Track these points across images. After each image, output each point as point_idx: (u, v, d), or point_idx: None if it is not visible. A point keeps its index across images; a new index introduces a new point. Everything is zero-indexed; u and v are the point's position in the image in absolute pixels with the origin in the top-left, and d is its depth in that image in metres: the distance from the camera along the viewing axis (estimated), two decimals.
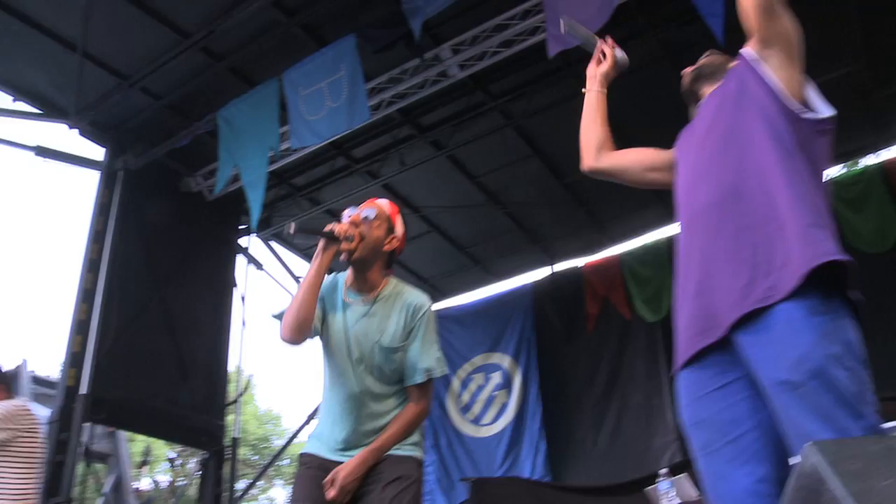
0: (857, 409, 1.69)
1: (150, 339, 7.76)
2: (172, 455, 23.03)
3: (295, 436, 14.00)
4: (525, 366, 10.02)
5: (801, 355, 1.71)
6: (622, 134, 8.67)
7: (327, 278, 3.01)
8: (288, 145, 7.37)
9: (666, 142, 8.03)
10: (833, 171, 10.10)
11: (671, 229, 6.62)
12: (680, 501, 4.50)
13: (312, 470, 2.88)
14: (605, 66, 2.69)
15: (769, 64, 2.17)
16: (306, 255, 10.49)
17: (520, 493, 7.55)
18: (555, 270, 10.74)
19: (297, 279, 10.69)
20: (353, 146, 8.66)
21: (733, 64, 2.38)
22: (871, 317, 6.00)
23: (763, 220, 1.92)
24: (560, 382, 9.80)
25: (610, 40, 2.79)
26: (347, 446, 2.88)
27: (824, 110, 2.12)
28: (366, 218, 2.94)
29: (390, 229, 3.01)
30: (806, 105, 2.12)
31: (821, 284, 1.76)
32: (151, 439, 13.62)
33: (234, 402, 9.04)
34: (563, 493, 7.90)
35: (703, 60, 2.57)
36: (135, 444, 16.86)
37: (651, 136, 2.85)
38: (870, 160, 10.05)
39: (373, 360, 2.87)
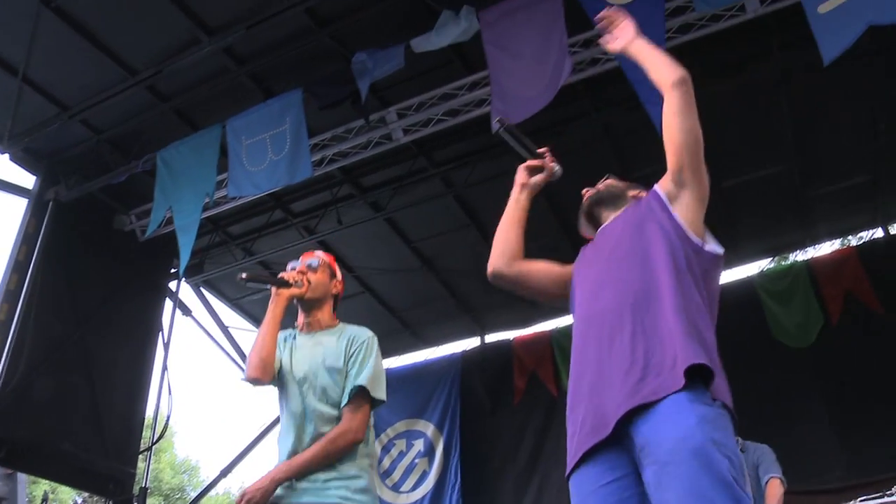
0: (735, 494, 1.68)
1: (64, 378, 7.47)
2: (79, 500, 22.10)
3: (208, 489, 13.60)
4: (448, 435, 9.92)
5: (684, 435, 1.74)
6: (562, 210, 8.87)
7: (281, 333, 3.22)
8: (225, 193, 7.31)
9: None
10: (762, 264, 10.41)
11: None
12: None
13: None
14: (540, 177, 2.68)
15: (678, 202, 2.38)
16: (235, 304, 10.34)
17: None
18: (485, 341, 10.75)
19: (224, 327, 10.53)
20: (292, 200, 8.63)
21: (636, 192, 2.61)
22: (790, 412, 6.13)
23: (654, 328, 2.03)
24: (482, 454, 9.72)
25: (548, 153, 2.77)
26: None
27: (719, 249, 2.36)
28: (310, 265, 3.29)
29: (332, 274, 3.37)
30: (703, 239, 2.35)
31: (706, 389, 1.88)
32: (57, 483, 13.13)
33: (148, 449, 8.75)
34: None
35: (602, 185, 2.67)
36: (38, 486, 16.20)
37: None
38: (798, 256, 10.40)
39: (316, 381, 3.05)
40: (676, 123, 2.39)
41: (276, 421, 10.96)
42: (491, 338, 10.71)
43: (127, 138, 7.63)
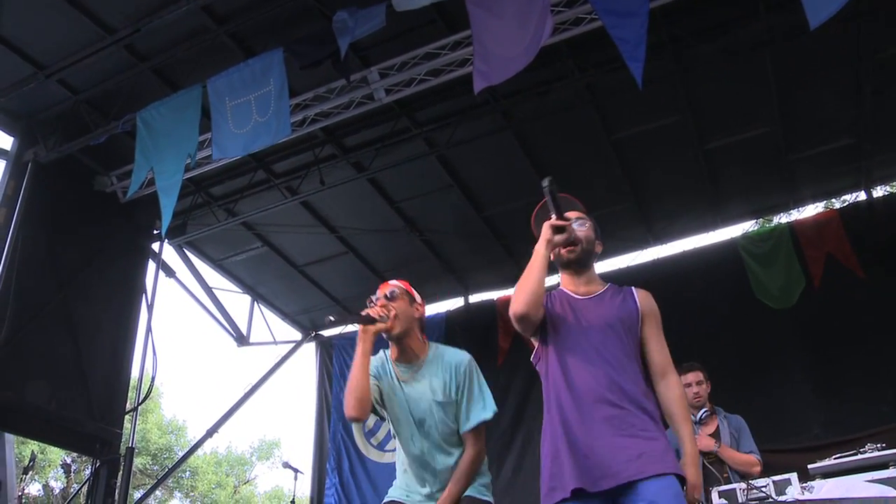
0: None
1: (48, 339, 7.46)
2: (68, 461, 22.22)
3: (195, 448, 13.69)
4: None
5: (670, 487, 2.60)
6: (544, 171, 8.89)
7: (373, 358, 3.35)
8: (207, 153, 7.25)
9: (585, 181, 8.17)
10: (746, 226, 10.46)
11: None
12: None
13: None
14: (561, 238, 2.89)
15: (647, 326, 2.96)
16: (219, 265, 10.32)
17: None
18: (469, 301, 10.78)
19: (208, 288, 10.52)
20: (274, 160, 8.57)
21: (600, 247, 3.10)
22: (770, 372, 6.17)
23: (644, 416, 2.72)
24: None
25: (575, 216, 3.04)
26: (431, 498, 3.27)
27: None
28: (390, 296, 3.35)
29: (412, 300, 3.44)
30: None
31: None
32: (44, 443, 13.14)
33: (134, 410, 8.78)
34: None
35: (582, 237, 3.00)
36: (26, 447, 16.27)
37: (570, 174, 3.02)
38: (782, 219, 10.44)
39: (433, 419, 3.26)
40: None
41: (262, 381, 11.06)
42: (475, 298, 10.74)
43: (106, 98, 7.52)
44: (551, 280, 3.08)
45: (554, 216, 2.89)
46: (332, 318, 3.31)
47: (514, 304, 2.81)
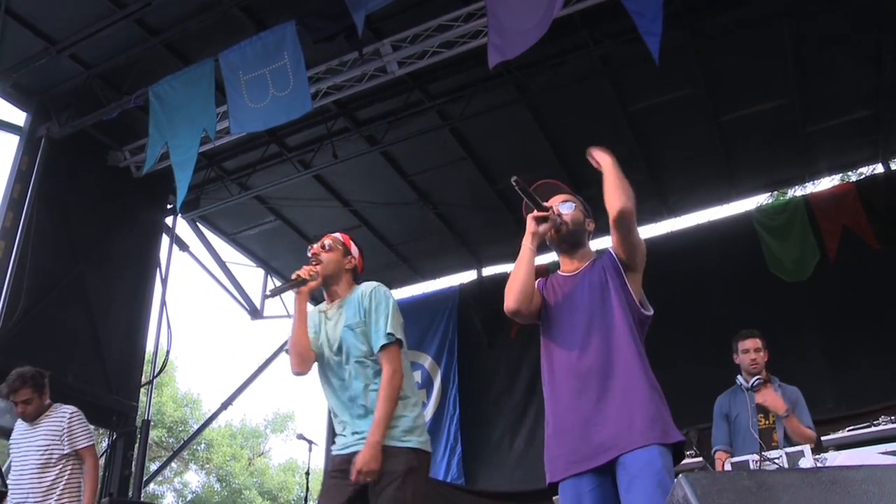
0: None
1: (63, 313, 7.52)
2: None
3: (209, 421, 13.86)
4: (446, 367, 10.05)
5: (651, 464, 2.56)
6: (558, 144, 8.87)
7: (311, 314, 3.50)
8: (220, 128, 7.25)
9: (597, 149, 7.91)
10: (760, 199, 10.40)
11: (601, 243, 6.69)
12: None
13: (335, 478, 3.22)
14: (545, 227, 2.91)
15: (628, 271, 2.85)
16: (232, 239, 10.35)
17: (428, 492, 7.53)
18: (482, 274, 10.78)
19: (221, 261, 10.56)
20: (287, 134, 8.55)
21: (590, 225, 3.07)
22: (784, 345, 6.11)
23: (632, 387, 2.68)
24: (480, 386, 9.84)
25: (561, 199, 3.04)
26: (360, 430, 3.21)
27: (650, 309, 2.88)
28: (323, 246, 3.47)
29: (346, 251, 3.52)
30: (642, 304, 2.87)
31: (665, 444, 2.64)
32: None
33: (149, 383, 8.85)
34: (473, 497, 7.93)
35: (569, 219, 2.97)
36: None
37: (586, 146, 2.97)
38: (797, 192, 10.37)
39: (347, 345, 3.30)
40: (620, 239, 2.84)
41: (274, 355, 11.12)
42: (488, 271, 10.74)
43: (118, 73, 7.52)
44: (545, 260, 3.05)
45: (534, 210, 2.92)
46: (268, 293, 3.39)
47: (507, 302, 2.87)
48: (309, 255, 3.47)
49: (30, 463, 4.74)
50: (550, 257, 9.88)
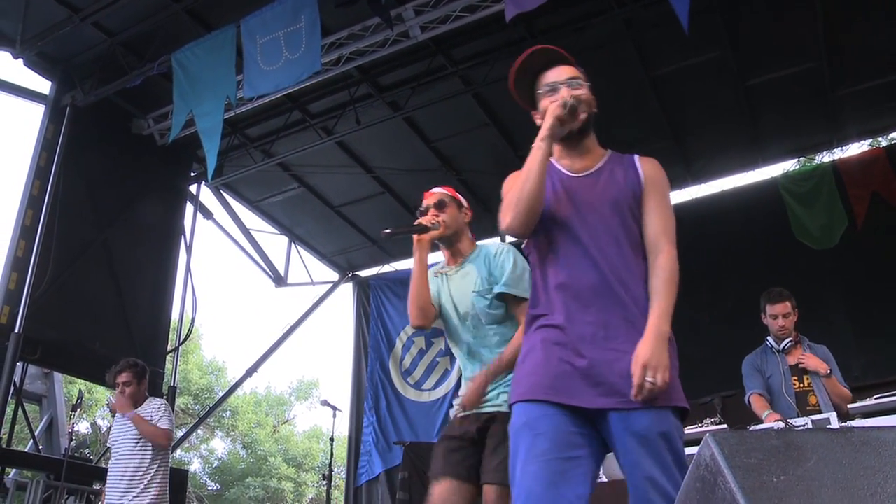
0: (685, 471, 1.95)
1: (90, 281, 7.62)
2: (112, 400, 22.82)
3: (234, 388, 14.01)
4: None
5: (661, 425, 2.16)
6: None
7: (433, 273, 3.43)
8: (242, 94, 7.25)
9: (622, 118, 8.07)
10: (787, 165, 10.26)
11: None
12: (606, 479, 4.55)
13: (445, 441, 3.21)
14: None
15: (648, 197, 2.42)
16: (256, 206, 10.39)
17: None
18: (505, 240, 10.75)
19: (245, 229, 10.61)
20: (310, 101, 8.54)
21: (592, 108, 2.49)
22: (810, 313, 6.01)
23: (642, 317, 2.24)
24: None
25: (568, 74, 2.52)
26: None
27: None
28: (439, 204, 3.36)
29: (459, 205, 3.44)
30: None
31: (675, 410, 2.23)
32: (91, 383, 13.46)
33: (175, 350, 8.95)
34: None
35: (582, 96, 2.43)
36: (74, 386, 16.72)
37: (608, 111, 2.83)
38: (825, 158, 10.23)
39: (475, 311, 3.24)
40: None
41: (300, 322, 11.19)
42: (511, 238, 10.71)
43: (141, 40, 7.51)
44: None
45: (565, 92, 2.42)
46: (387, 231, 3.23)
47: (511, 219, 2.33)
48: (426, 217, 3.31)
49: (125, 448, 5.23)
50: None
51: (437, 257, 3.59)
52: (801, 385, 4.83)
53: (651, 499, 2.08)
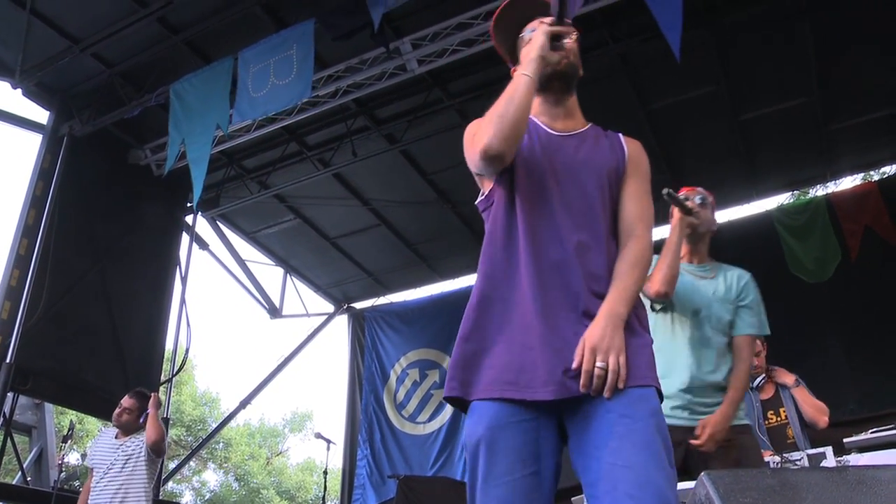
0: (671, 458, 1.83)
1: (84, 311, 7.59)
2: (104, 430, 22.63)
3: (228, 420, 13.89)
4: None
5: (648, 404, 1.89)
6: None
7: None
8: (239, 126, 7.29)
9: None
10: (782, 199, 10.32)
11: None
12: None
13: None
14: (559, 55, 2.13)
15: (630, 179, 2.22)
16: (252, 238, 10.39)
17: (446, 493, 7.54)
18: None
19: (241, 260, 10.60)
20: (307, 132, 8.57)
21: (582, 118, 2.30)
22: (806, 347, 6.05)
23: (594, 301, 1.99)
24: None
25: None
26: (689, 392, 3.23)
27: None
28: (702, 202, 3.48)
29: (713, 210, 3.57)
30: None
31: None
32: (83, 413, 13.36)
33: (168, 381, 8.90)
34: None
35: (572, 45, 2.17)
36: (66, 416, 16.58)
37: None
38: (818, 191, 10.28)
39: (711, 312, 3.33)
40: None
41: (294, 353, 11.15)
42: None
43: (139, 71, 7.57)
44: None
45: (553, 18, 2.11)
46: (667, 190, 3.29)
47: (489, 139, 2.01)
48: (694, 203, 3.40)
49: (111, 471, 5.20)
50: None
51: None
52: (778, 419, 4.86)
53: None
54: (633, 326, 1.97)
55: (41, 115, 7.91)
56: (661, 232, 3.78)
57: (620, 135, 2.32)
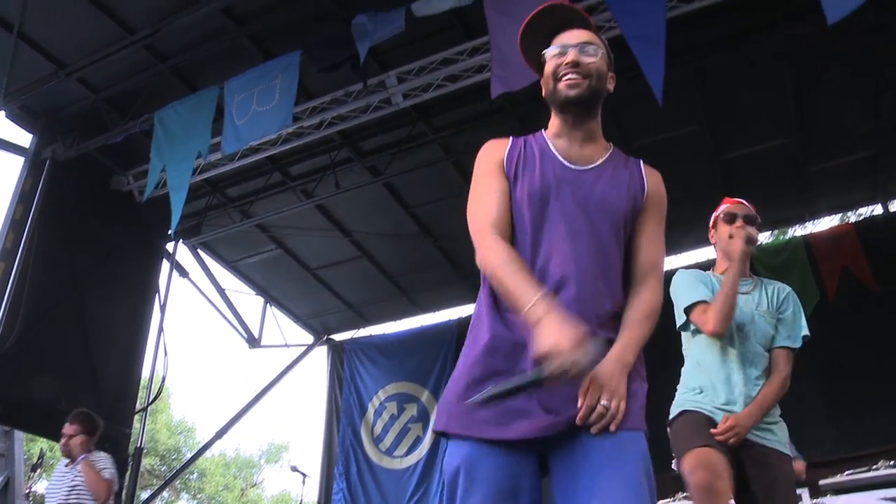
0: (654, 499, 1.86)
1: (59, 337, 7.50)
2: None
3: (203, 450, 13.70)
4: None
5: (637, 447, 1.90)
6: None
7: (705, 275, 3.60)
8: (221, 152, 7.30)
9: None
10: (760, 238, 10.39)
11: None
12: None
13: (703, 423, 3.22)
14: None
15: (646, 215, 2.17)
16: (233, 266, 10.35)
17: None
18: None
19: (221, 289, 10.54)
20: (290, 163, 8.59)
21: (612, 80, 2.24)
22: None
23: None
24: None
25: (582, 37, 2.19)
26: (730, 404, 3.25)
27: None
28: (750, 219, 3.58)
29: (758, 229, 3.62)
30: None
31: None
32: (54, 441, 13.09)
33: (144, 410, 8.79)
34: None
35: (592, 67, 2.13)
36: (35, 444, 16.32)
37: None
38: (797, 231, 10.39)
39: (754, 327, 3.38)
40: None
41: (272, 384, 11.06)
42: None
43: (125, 98, 7.57)
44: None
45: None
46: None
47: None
48: (752, 233, 3.46)
49: (56, 499, 5.12)
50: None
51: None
52: None
53: None
54: (632, 375, 1.97)
55: (24, 139, 7.89)
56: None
57: (642, 164, 2.26)
